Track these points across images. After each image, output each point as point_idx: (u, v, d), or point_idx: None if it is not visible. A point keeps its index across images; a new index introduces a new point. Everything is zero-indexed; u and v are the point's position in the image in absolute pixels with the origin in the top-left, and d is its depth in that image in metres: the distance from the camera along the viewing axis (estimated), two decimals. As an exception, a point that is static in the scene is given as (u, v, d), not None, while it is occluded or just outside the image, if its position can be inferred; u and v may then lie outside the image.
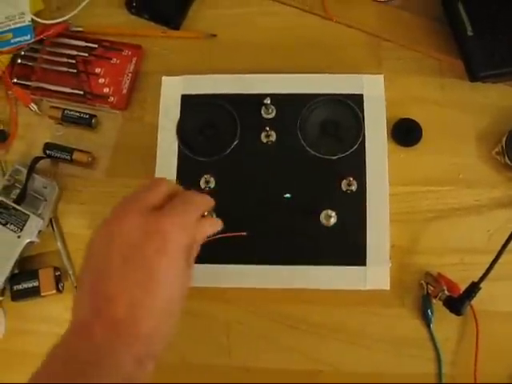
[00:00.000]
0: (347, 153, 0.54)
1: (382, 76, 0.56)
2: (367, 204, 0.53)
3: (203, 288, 0.52)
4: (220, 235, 0.45)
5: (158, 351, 0.39)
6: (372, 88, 0.56)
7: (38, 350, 0.53)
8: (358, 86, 0.56)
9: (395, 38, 0.60)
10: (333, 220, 0.52)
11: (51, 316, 0.56)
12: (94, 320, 0.37)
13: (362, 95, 0.56)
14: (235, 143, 0.55)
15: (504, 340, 0.52)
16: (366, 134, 0.55)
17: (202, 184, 0.54)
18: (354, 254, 0.52)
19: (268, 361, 0.53)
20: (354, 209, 0.50)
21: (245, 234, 0.51)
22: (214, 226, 0.45)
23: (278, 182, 0.54)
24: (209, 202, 0.45)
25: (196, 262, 0.51)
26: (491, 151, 0.56)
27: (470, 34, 0.55)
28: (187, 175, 0.55)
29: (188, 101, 0.57)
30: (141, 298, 0.37)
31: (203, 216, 0.43)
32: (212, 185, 0.54)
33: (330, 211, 0.51)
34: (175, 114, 0.56)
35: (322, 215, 0.52)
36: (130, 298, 0.37)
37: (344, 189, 0.53)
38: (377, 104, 0.56)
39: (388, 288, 0.52)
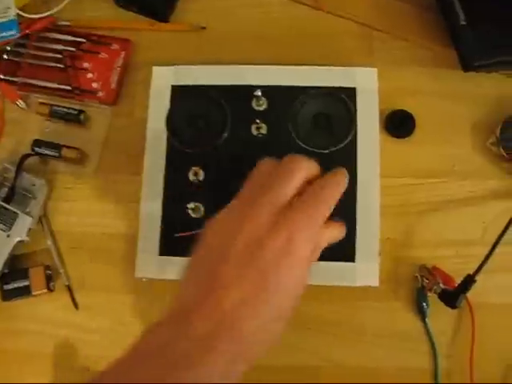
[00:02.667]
0: (339, 146, 0.53)
1: (375, 69, 0.55)
2: (357, 199, 0.52)
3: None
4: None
5: (255, 356, 0.37)
6: (365, 81, 0.55)
7: (31, 350, 0.55)
8: (350, 79, 0.55)
9: (387, 28, 0.59)
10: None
11: (43, 315, 0.55)
12: (197, 308, 0.36)
13: (354, 88, 0.55)
14: (225, 135, 0.54)
15: (500, 332, 0.52)
16: (359, 127, 0.54)
17: (191, 176, 0.53)
18: (343, 250, 0.51)
19: (266, 357, 0.52)
20: (344, 204, 0.49)
21: None
22: (340, 233, 0.44)
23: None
24: (338, 188, 0.42)
25: (182, 256, 0.51)
26: (485, 142, 0.55)
27: (462, 23, 0.54)
28: (176, 167, 0.54)
29: (178, 92, 0.56)
30: (251, 296, 0.36)
31: None
32: (201, 177, 0.53)
33: (319, 206, 0.51)
34: (165, 104, 0.55)
35: (312, 210, 0.51)
36: (241, 292, 0.36)
37: None
38: (370, 98, 0.55)
39: (377, 285, 0.51)
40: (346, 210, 0.50)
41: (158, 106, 0.56)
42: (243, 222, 0.38)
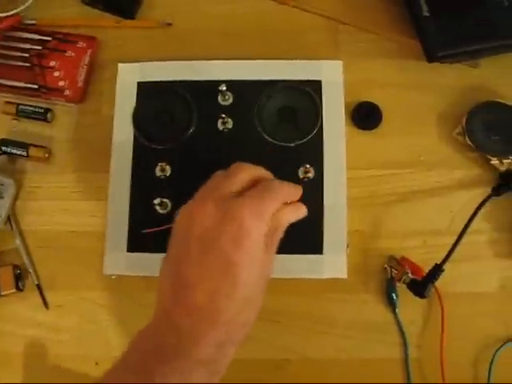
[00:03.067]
0: (305, 140, 0.53)
1: (340, 62, 0.56)
2: (324, 192, 0.52)
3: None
4: (172, 225, 0.44)
5: (240, 338, 0.40)
6: (330, 74, 0.56)
7: (1, 350, 0.54)
8: (316, 73, 0.56)
9: (353, 21, 0.59)
10: (290, 208, 0.51)
11: (13, 315, 0.55)
12: (175, 308, 0.38)
13: (320, 81, 0.55)
14: (191, 130, 0.54)
15: (468, 321, 0.52)
16: (324, 120, 0.54)
17: (158, 172, 0.53)
18: (311, 243, 0.51)
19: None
20: (311, 197, 0.49)
21: None
22: (297, 211, 0.45)
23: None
24: (295, 191, 0.45)
25: (150, 252, 0.51)
26: (452, 132, 0.56)
27: (425, 14, 0.54)
28: (143, 163, 0.54)
29: (144, 88, 0.56)
30: (220, 286, 0.38)
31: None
32: (167, 173, 0.53)
33: (286, 199, 0.51)
34: (131, 101, 0.55)
35: (279, 203, 0.51)
36: (209, 285, 0.38)
37: (301, 176, 0.52)
38: (335, 90, 0.55)
39: (345, 276, 0.51)
40: (313, 203, 0.49)
41: (125, 103, 0.56)
42: (194, 219, 0.40)
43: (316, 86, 0.55)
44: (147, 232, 0.52)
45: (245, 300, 0.39)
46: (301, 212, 0.45)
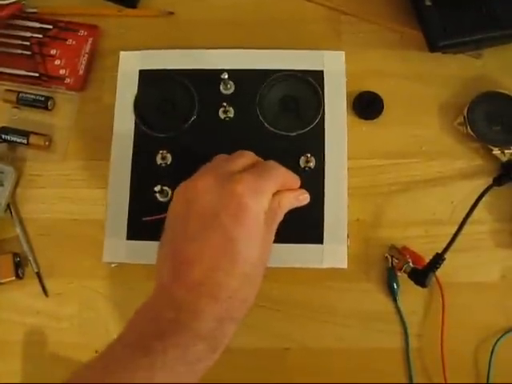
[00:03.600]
0: (306, 129, 0.53)
1: (342, 52, 0.56)
2: (325, 181, 0.52)
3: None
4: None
5: (239, 315, 0.40)
6: (333, 64, 0.55)
7: (0, 338, 0.54)
8: (318, 63, 0.55)
9: (355, 11, 0.59)
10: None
11: (12, 303, 0.54)
12: (174, 284, 0.39)
13: (322, 71, 0.55)
14: (193, 119, 0.54)
15: (469, 310, 0.52)
16: (326, 110, 0.54)
17: (159, 160, 0.53)
18: (311, 232, 0.51)
19: (233, 340, 0.52)
20: (312, 186, 0.49)
21: None
22: (299, 196, 0.46)
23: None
24: (293, 177, 0.45)
25: (150, 240, 0.51)
26: (453, 122, 0.56)
27: (428, 3, 0.54)
28: (143, 151, 0.54)
29: (146, 76, 0.56)
30: (219, 262, 0.38)
31: None
32: (168, 161, 0.53)
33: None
34: (133, 89, 0.55)
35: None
36: (208, 261, 0.38)
37: (302, 166, 0.52)
38: (337, 80, 0.55)
39: (345, 266, 0.51)
40: (313, 192, 0.49)
41: (126, 91, 0.55)
42: (194, 196, 0.40)
43: (318, 75, 0.55)
44: (147, 220, 0.51)
45: (244, 276, 0.39)
46: (303, 198, 0.46)
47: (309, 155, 0.52)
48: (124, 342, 0.38)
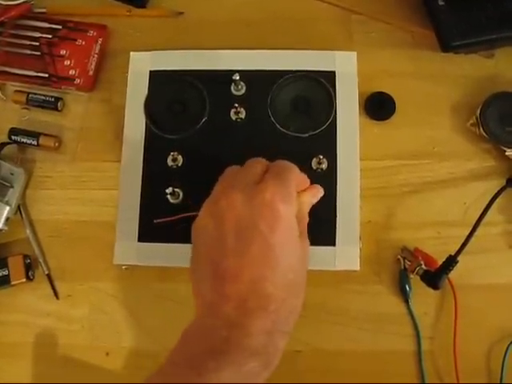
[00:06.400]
0: (318, 130, 0.53)
1: (354, 53, 0.55)
2: (337, 183, 0.52)
3: (178, 268, 0.50)
4: (184, 215, 0.44)
5: (288, 327, 0.40)
6: (344, 65, 0.55)
7: (11, 340, 0.54)
8: (330, 63, 0.55)
9: (366, 11, 0.59)
10: (302, 200, 0.51)
11: (23, 305, 0.54)
12: (221, 301, 0.38)
13: (334, 72, 0.55)
14: (204, 120, 0.54)
15: (481, 313, 0.51)
16: (338, 111, 0.54)
17: (170, 162, 0.53)
18: (324, 234, 0.51)
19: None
20: (324, 188, 0.49)
21: None
22: (315, 192, 0.46)
23: (247, 160, 0.53)
24: (303, 175, 0.45)
25: (161, 242, 0.50)
26: (466, 123, 0.55)
27: (441, 3, 0.54)
28: (154, 153, 0.53)
29: (156, 77, 0.55)
30: (261, 273, 0.38)
31: None
32: (179, 162, 0.53)
33: (299, 190, 0.50)
34: (143, 90, 0.55)
35: (292, 194, 0.51)
36: (250, 274, 0.38)
37: (314, 167, 0.52)
38: (349, 81, 0.55)
39: (358, 268, 0.51)
40: (326, 194, 0.49)
41: (136, 92, 0.55)
42: (223, 214, 0.40)
43: (330, 76, 0.54)
44: (158, 223, 0.51)
45: (288, 286, 0.39)
46: (318, 192, 0.46)
47: (321, 157, 0.52)
48: (175, 363, 0.38)
